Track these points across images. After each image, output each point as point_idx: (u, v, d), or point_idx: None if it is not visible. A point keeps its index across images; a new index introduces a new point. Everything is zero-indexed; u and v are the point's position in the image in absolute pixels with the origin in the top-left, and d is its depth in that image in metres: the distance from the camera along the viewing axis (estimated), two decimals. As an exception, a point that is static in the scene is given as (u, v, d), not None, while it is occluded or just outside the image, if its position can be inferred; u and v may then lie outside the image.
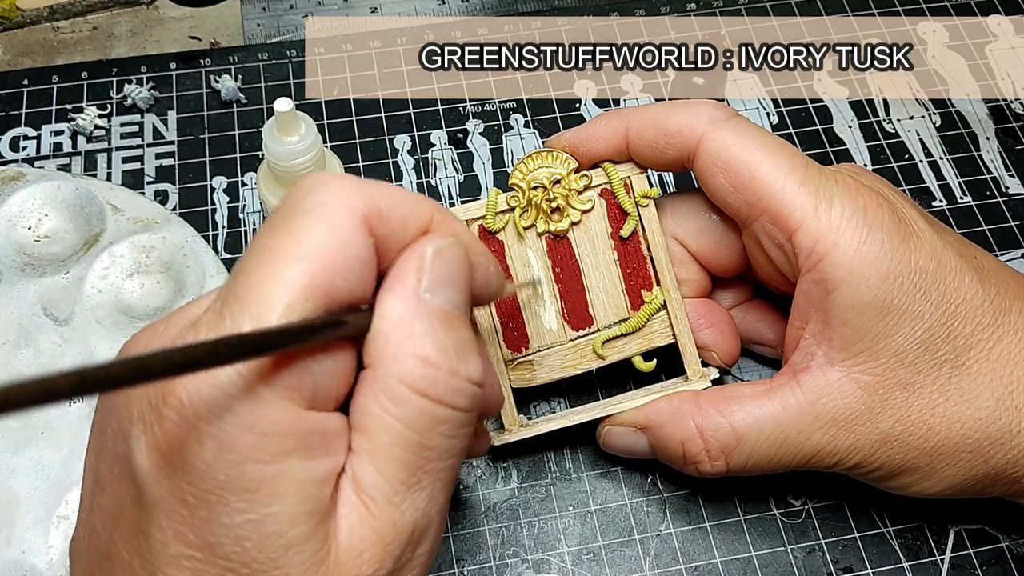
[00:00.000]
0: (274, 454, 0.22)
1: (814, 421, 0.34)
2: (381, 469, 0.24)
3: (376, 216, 0.25)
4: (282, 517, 0.23)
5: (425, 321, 0.24)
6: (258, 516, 0.23)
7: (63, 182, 0.45)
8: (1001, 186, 0.49)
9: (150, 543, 0.23)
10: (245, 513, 0.22)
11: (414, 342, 0.24)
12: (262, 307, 0.23)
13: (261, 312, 0.23)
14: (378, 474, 0.24)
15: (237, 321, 0.23)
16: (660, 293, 0.38)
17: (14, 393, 0.16)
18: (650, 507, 0.40)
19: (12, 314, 0.42)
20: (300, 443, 0.23)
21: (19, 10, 0.53)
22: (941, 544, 0.40)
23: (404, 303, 0.25)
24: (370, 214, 0.25)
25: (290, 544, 0.23)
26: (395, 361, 0.24)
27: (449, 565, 0.39)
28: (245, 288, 0.23)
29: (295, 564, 0.23)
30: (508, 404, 0.38)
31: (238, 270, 0.24)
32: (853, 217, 0.33)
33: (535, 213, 0.38)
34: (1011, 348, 0.34)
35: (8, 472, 0.39)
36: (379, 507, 0.24)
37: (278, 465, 0.23)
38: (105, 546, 0.25)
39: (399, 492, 0.24)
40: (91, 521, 0.26)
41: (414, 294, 0.25)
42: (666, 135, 0.36)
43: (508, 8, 0.55)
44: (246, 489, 0.22)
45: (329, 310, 0.24)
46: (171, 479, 0.23)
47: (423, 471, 0.25)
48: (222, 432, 0.22)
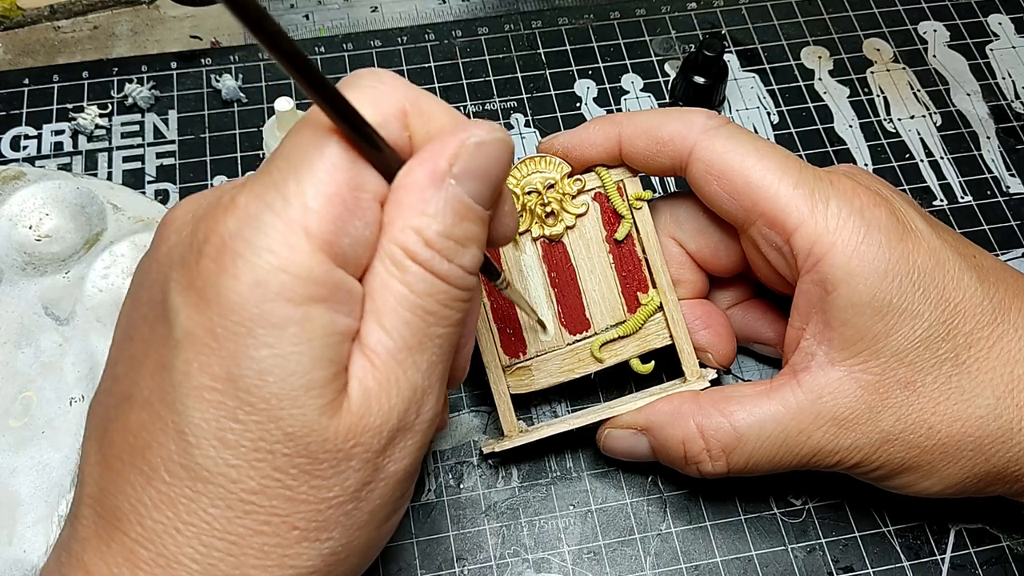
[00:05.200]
0: (304, 297, 0.24)
1: (815, 420, 0.34)
2: (385, 327, 0.25)
3: (417, 114, 0.26)
4: (305, 358, 0.24)
5: (440, 204, 0.25)
6: (283, 352, 0.24)
7: (64, 181, 0.45)
8: (1002, 185, 0.49)
9: (173, 376, 0.24)
10: (271, 347, 0.23)
11: (423, 220, 0.25)
12: (303, 161, 0.24)
13: (300, 163, 0.24)
14: (382, 332, 0.25)
15: (282, 172, 0.24)
16: (656, 295, 0.38)
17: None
18: (650, 506, 0.40)
19: (13, 313, 0.42)
20: (328, 294, 0.24)
21: (20, 9, 0.53)
22: (942, 543, 0.40)
23: (427, 179, 0.25)
24: (411, 111, 0.26)
25: (309, 386, 0.24)
26: (400, 231, 0.25)
27: (450, 564, 0.39)
28: (289, 148, 0.25)
29: (311, 407, 0.24)
30: (507, 410, 0.38)
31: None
32: (850, 217, 0.33)
33: (530, 218, 0.38)
34: (1011, 346, 0.34)
35: (9, 471, 0.39)
36: (383, 362, 0.25)
37: (307, 308, 0.24)
38: (126, 389, 0.26)
39: (401, 350, 0.25)
40: (115, 371, 0.27)
41: (440, 175, 0.25)
42: (658, 143, 0.36)
43: (508, 8, 0.55)
44: (275, 325, 0.23)
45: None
46: (203, 312, 0.24)
47: (423, 333, 0.26)
48: (259, 268, 0.23)
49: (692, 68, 0.48)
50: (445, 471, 0.41)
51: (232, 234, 0.24)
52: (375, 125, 0.24)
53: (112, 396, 0.27)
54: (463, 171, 0.25)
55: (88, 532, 0.26)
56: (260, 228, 0.24)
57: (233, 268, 0.23)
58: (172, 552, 0.25)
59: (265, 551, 0.25)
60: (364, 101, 0.25)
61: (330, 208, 0.24)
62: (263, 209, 0.24)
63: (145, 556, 0.25)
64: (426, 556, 0.39)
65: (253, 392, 0.24)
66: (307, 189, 0.24)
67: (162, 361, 0.25)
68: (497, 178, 0.26)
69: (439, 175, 0.25)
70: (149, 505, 0.25)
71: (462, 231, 0.26)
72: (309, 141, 0.24)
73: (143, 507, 0.25)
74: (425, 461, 0.41)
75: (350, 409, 0.25)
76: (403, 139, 0.26)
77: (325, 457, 0.25)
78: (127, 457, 0.25)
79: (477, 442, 0.41)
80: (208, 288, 0.24)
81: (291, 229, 0.23)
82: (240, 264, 0.23)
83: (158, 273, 0.26)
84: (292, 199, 0.24)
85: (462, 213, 0.25)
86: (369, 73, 0.26)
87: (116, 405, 0.26)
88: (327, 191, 0.24)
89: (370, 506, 0.26)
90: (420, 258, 0.25)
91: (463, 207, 0.25)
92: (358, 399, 0.25)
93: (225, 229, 0.24)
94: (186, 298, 0.24)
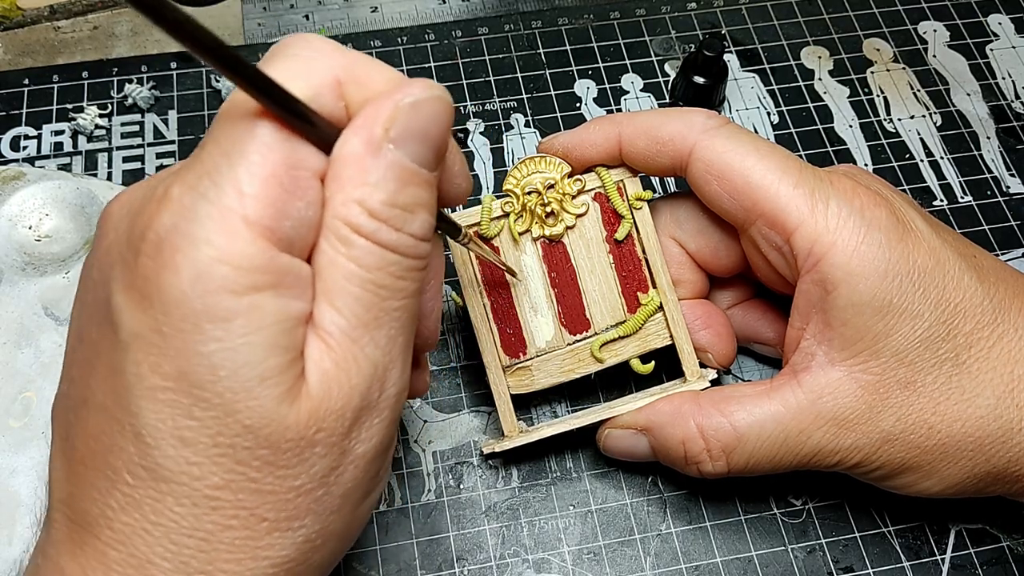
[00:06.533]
0: (247, 287, 0.23)
1: (815, 420, 0.34)
2: (337, 306, 0.24)
3: (352, 82, 0.25)
4: (256, 348, 0.23)
5: (381, 171, 0.24)
6: (232, 345, 0.23)
7: (64, 182, 0.45)
8: (1002, 185, 0.49)
9: (126, 379, 0.24)
10: (220, 341, 0.23)
11: (364, 191, 0.24)
12: (234, 144, 0.23)
13: (231, 147, 0.23)
14: (334, 311, 0.24)
15: (214, 158, 0.23)
16: (656, 295, 0.38)
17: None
18: (650, 507, 0.40)
19: (13, 313, 0.42)
20: (274, 280, 0.23)
21: (20, 9, 0.53)
22: (942, 544, 0.40)
23: (364, 147, 0.24)
24: (345, 79, 0.25)
25: (264, 376, 0.23)
26: (342, 205, 0.24)
27: (450, 564, 0.39)
28: (219, 131, 0.24)
29: (267, 397, 0.23)
30: (507, 410, 0.38)
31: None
32: (850, 217, 0.33)
33: (530, 218, 0.38)
34: (1011, 346, 0.34)
35: (9, 471, 0.39)
36: (338, 342, 0.24)
37: (252, 298, 0.23)
38: (81, 393, 0.26)
39: (356, 328, 0.25)
40: (70, 375, 0.27)
41: (377, 142, 0.24)
42: (658, 143, 0.36)
43: (508, 8, 0.55)
44: (221, 318, 0.23)
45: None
46: (146, 312, 0.23)
47: (378, 308, 0.25)
48: (198, 262, 0.22)
49: (692, 68, 0.48)
50: (445, 471, 0.41)
51: (168, 228, 0.23)
52: (306, 99, 0.23)
53: (70, 399, 0.27)
54: (400, 134, 0.24)
55: (61, 536, 0.26)
56: (195, 219, 0.23)
57: (172, 263, 0.23)
58: (143, 552, 0.24)
59: (236, 545, 0.25)
60: (293, 73, 0.24)
61: (267, 191, 0.23)
62: (197, 199, 0.23)
63: (117, 558, 0.25)
64: (426, 556, 0.39)
65: (206, 388, 0.23)
66: (241, 174, 0.23)
67: (112, 364, 0.24)
68: (438, 137, 0.25)
69: (376, 141, 0.24)
70: (116, 508, 0.25)
71: (407, 197, 0.25)
72: (239, 123, 0.23)
73: (110, 510, 0.25)
74: (425, 461, 0.41)
75: (309, 394, 0.24)
76: (339, 109, 0.25)
77: (287, 446, 0.24)
78: (90, 462, 0.25)
79: (477, 442, 0.41)
80: (149, 286, 0.23)
81: (227, 217, 0.23)
82: (179, 259, 0.23)
83: (100, 272, 0.25)
84: (226, 186, 0.23)
85: (405, 178, 0.24)
86: (298, 40, 0.25)
87: (75, 409, 0.26)
88: (262, 173, 0.23)
89: (341, 490, 0.26)
90: (365, 231, 0.24)
91: (405, 172, 0.24)
92: (316, 383, 0.24)
93: (160, 224, 0.23)
94: (128, 297, 0.24)
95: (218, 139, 0.24)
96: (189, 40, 0.20)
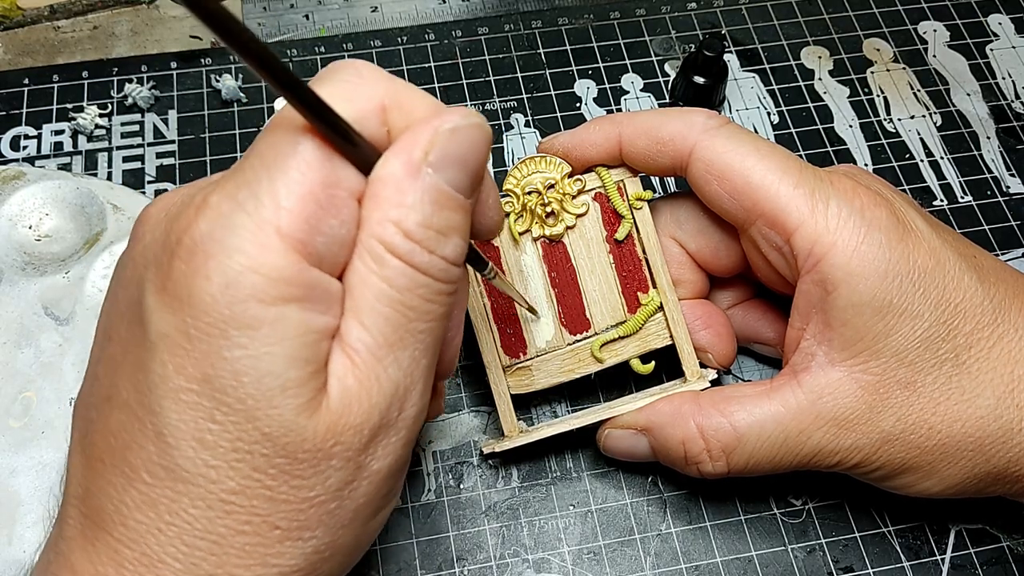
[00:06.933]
0: (276, 298, 0.23)
1: (815, 421, 0.34)
2: (365, 324, 0.25)
3: (396, 108, 0.25)
4: (279, 358, 0.24)
5: (418, 195, 0.25)
6: (256, 353, 0.23)
7: (64, 181, 0.45)
8: (1002, 185, 0.49)
9: (150, 378, 0.24)
10: (245, 348, 0.23)
11: (400, 211, 0.25)
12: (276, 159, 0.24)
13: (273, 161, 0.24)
14: (362, 329, 0.25)
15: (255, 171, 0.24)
16: (656, 295, 0.38)
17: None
18: (650, 507, 0.40)
19: (13, 313, 0.42)
20: (302, 294, 0.24)
21: (20, 9, 0.53)
22: (942, 544, 0.40)
23: (403, 170, 0.25)
24: (390, 105, 0.25)
25: (285, 386, 0.24)
26: (378, 225, 0.25)
27: (450, 564, 0.39)
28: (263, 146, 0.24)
29: (288, 407, 0.24)
30: (507, 410, 0.38)
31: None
32: (850, 217, 0.33)
33: (530, 218, 0.38)
34: (1011, 347, 0.34)
35: (9, 471, 0.39)
36: (363, 360, 0.25)
37: (280, 308, 0.23)
38: (105, 390, 0.26)
39: (382, 347, 0.25)
40: (95, 372, 0.27)
41: (416, 165, 0.25)
42: (659, 143, 0.36)
43: (508, 8, 0.55)
44: (248, 326, 0.23)
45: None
46: (176, 313, 0.24)
47: (404, 329, 0.25)
48: (230, 269, 0.23)
49: (692, 68, 0.48)
50: (445, 471, 0.41)
51: (204, 235, 0.24)
52: (352, 121, 0.24)
53: (93, 396, 0.27)
54: (439, 159, 0.25)
55: (74, 532, 0.26)
56: (231, 228, 0.23)
57: (204, 269, 0.23)
58: (155, 551, 0.25)
59: (247, 550, 0.25)
60: (341, 97, 0.25)
61: (303, 207, 0.24)
62: (235, 209, 0.23)
63: (129, 556, 0.25)
64: (426, 556, 0.39)
65: (229, 393, 0.24)
66: (280, 188, 0.23)
67: (139, 362, 0.25)
68: (475, 164, 0.26)
69: (414, 164, 0.25)
70: (131, 506, 0.25)
71: (442, 220, 0.25)
72: (283, 139, 0.24)
73: (126, 508, 0.25)
74: (425, 461, 0.41)
75: (329, 408, 0.25)
76: (382, 134, 0.25)
77: (304, 457, 0.24)
78: (108, 458, 0.25)
79: (477, 442, 0.41)
80: (180, 290, 0.24)
81: (262, 229, 0.23)
82: (211, 265, 0.23)
83: (134, 272, 0.26)
84: (264, 198, 0.23)
85: (441, 202, 0.25)
86: (347, 66, 0.26)
87: (97, 406, 0.26)
88: (300, 190, 0.24)
89: (354, 504, 0.26)
90: (399, 251, 0.25)
91: (442, 196, 0.25)
92: (338, 398, 0.25)
93: (197, 230, 0.24)
94: (160, 299, 0.24)
95: (262, 152, 0.24)
96: (253, 59, 0.21)
